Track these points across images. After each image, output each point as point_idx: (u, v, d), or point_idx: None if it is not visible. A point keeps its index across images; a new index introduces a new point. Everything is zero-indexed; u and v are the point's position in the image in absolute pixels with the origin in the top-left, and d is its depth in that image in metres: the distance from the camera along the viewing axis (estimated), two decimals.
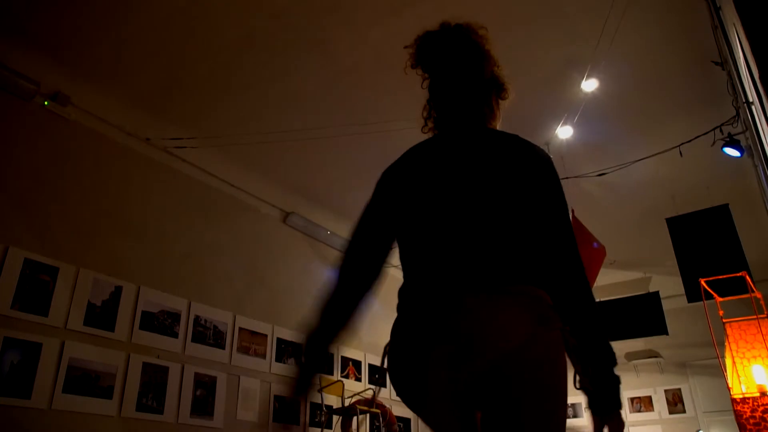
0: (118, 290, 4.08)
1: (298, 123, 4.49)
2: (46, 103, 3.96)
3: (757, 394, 3.31)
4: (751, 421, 3.24)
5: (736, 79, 3.16)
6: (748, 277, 3.93)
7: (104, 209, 4.18)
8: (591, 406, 1.28)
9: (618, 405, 1.26)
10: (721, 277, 4.17)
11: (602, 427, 1.26)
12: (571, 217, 5.33)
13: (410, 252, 1.39)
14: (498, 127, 1.52)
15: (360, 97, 4.39)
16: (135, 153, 4.53)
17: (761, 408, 3.23)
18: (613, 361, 1.27)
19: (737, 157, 4.54)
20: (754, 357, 3.54)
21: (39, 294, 3.63)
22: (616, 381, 1.27)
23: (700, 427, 7.34)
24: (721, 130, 4.53)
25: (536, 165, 1.35)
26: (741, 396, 3.40)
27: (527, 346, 1.17)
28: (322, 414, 5.15)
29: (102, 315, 3.93)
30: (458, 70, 1.48)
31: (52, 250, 3.78)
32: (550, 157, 1.40)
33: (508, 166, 1.34)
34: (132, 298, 4.15)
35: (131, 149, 4.50)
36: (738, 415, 3.44)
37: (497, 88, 1.53)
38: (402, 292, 1.34)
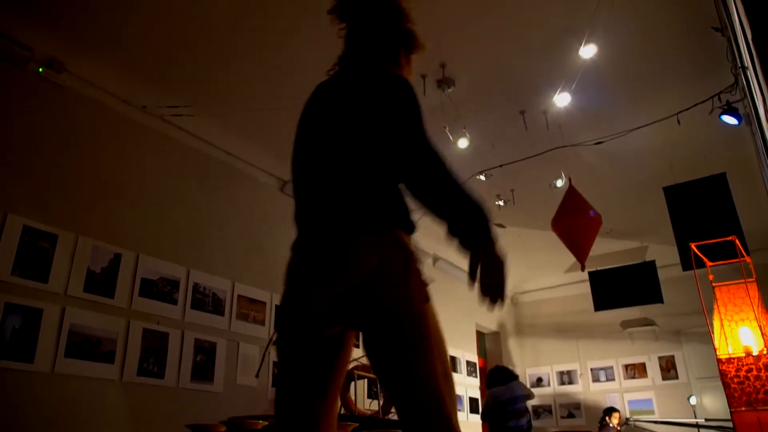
0: (117, 258, 4.12)
1: (296, 91, 4.46)
2: (40, 69, 3.93)
3: (743, 355, 3.40)
4: (735, 380, 3.34)
5: (735, 45, 3.14)
6: (737, 242, 3.97)
7: (101, 177, 4.19)
8: (461, 242, 1.32)
9: (486, 233, 1.29)
10: (711, 241, 4.21)
11: (476, 263, 1.29)
12: (568, 186, 5.37)
13: (294, 189, 1.57)
14: (408, 77, 1.65)
15: None
16: (131, 121, 4.51)
17: (745, 368, 3.33)
18: (478, 209, 1.34)
19: (735, 125, 4.53)
20: (742, 320, 3.61)
21: (38, 261, 3.67)
22: (481, 213, 1.32)
23: (692, 392, 7.48)
24: (719, 98, 4.51)
25: (386, 91, 1.47)
26: (727, 357, 3.48)
27: (376, 275, 1.30)
28: None
29: (101, 282, 3.97)
30: (366, 20, 1.62)
31: (50, 217, 3.80)
32: (404, 83, 1.50)
33: (360, 101, 1.48)
34: (131, 265, 4.19)
35: (127, 117, 4.49)
36: (723, 375, 3.54)
37: (406, 42, 1.67)
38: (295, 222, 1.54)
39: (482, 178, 5.67)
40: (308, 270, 1.41)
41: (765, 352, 3.37)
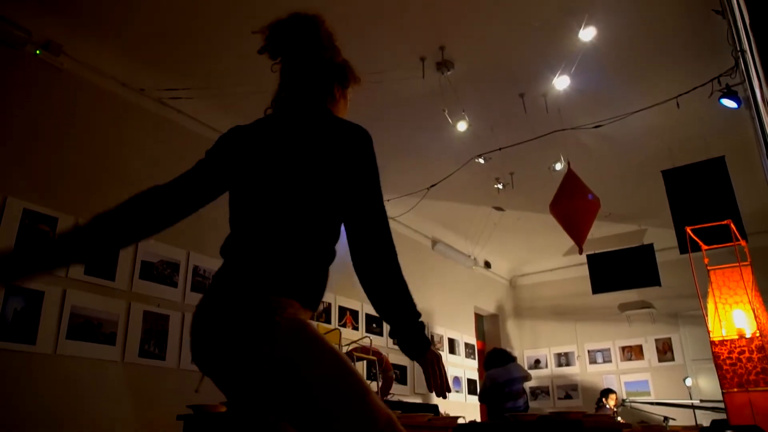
0: None
1: None
2: (37, 52, 3.92)
3: (736, 337, 3.45)
4: (728, 361, 3.40)
5: (735, 29, 3.13)
6: (733, 226, 3.99)
7: (100, 160, 4.20)
8: (406, 353, 1.42)
9: (424, 346, 1.40)
10: (706, 225, 4.24)
11: (425, 370, 1.41)
12: (567, 169, 5.37)
13: (230, 220, 1.51)
14: (343, 113, 1.63)
15: (353, 47, 4.33)
16: (130, 104, 4.51)
17: (737, 350, 3.38)
18: (414, 317, 1.39)
19: (735, 109, 4.53)
20: (736, 303, 3.65)
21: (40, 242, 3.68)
22: (419, 329, 1.40)
23: (688, 374, 7.56)
24: (719, 81, 4.50)
25: (346, 142, 1.41)
26: (720, 339, 3.53)
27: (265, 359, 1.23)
28: None
29: (102, 264, 4.00)
30: (299, 56, 1.58)
31: (50, 200, 3.81)
32: (366, 136, 1.44)
33: (312, 145, 1.42)
34: (131, 248, 4.21)
35: (126, 100, 4.48)
36: (716, 357, 3.59)
37: (340, 76, 1.62)
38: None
39: (481, 161, 5.67)
40: (206, 323, 1.36)
41: (757, 334, 3.42)
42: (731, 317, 3.63)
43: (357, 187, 1.40)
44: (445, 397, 1.43)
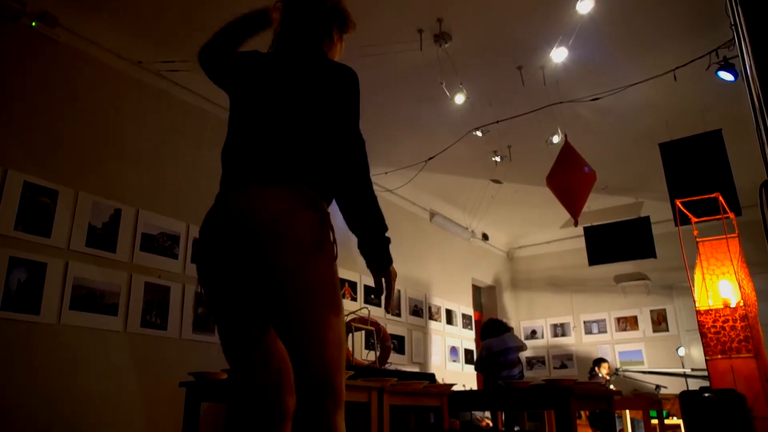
0: (118, 213, 4.19)
1: None
2: (33, 24, 3.90)
3: (721, 306, 3.54)
4: (712, 330, 3.50)
5: (732, 1, 3.12)
6: (721, 198, 4.05)
7: (99, 133, 4.22)
8: (368, 266, 1.55)
9: (387, 261, 1.53)
10: (694, 198, 4.30)
11: (380, 280, 1.54)
12: (563, 142, 5.39)
13: (230, 131, 1.67)
14: (338, 56, 1.80)
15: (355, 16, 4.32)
16: (127, 76, 4.50)
17: (722, 319, 3.48)
18: (381, 231, 1.52)
19: (732, 82, 4.53)
20: (723, 274, 3.73)
21: (40, 216, 3.73)
22: (384, 242, 1.52)
23: (681, 344, 7.69)
24: (717, 54, 4.50)
25: (336, 80, 1.58)
26: (706, 308, 3.63)
27: (279, 221, 1.39)
28: None
29: (103, 237, 4.05)
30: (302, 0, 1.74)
31: (50, 173, 3.85)
32: (353, 76, 1.61)
33: (309, 81, 1.58)
34: (131, 220, 4.26)
35: (123, 72, 4.48)
36: (701, 326, 3.69)
37: (340, 21, 1.78)
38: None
39: (479, 134, 5.69)
40: (219, 222, 1.49)
41: (741, 304, 3.50)
42: (717, 288, 3.72)
43: (340, 113, 1.54)
44: (390, 312, 1.68)
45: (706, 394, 2.23)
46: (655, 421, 5.28)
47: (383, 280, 1.54)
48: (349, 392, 3.17)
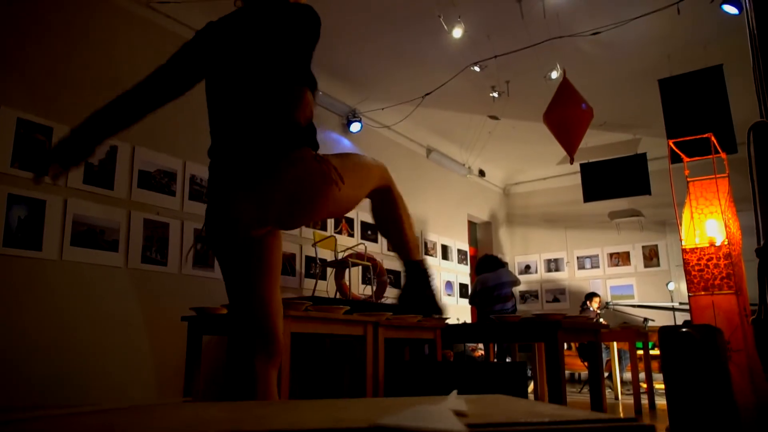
0: (114, 150, 4.18)
1: None
2: None
3: (707, 245, 3.63)
4: (696, 267, 3.61)
5: None
6: (713, 138, 4.05)
7: (91, 68, 4.15)
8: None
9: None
10: (687, 138, 4.31)
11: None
12: (562, 77, 5.32)
13: (210, 114, 1.83)
14: None
15: None
16: (119, 9, 4.38)
17: (706, 257, 3.58)
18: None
19: (735, 15, 4.44)
20: (711, 213, 3.80)
21: (36, 153, 3.73)
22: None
23: (671, 279, 7.88)
24: None
25: (287, 23, 1.58)
26: (692, 247, 3.73)
27: (283, 167, 1.57)
28: (317, 266, 5.52)
29: (100, 174, 4.07)
30: None
31: (43, 109, 3.81)
32: (304, 13, 1.59)
33: (262, 36, 1.63)
34: (128, 157, 4.26)
35: (115, 4, 4.35)
36: (686, 263, 3.80)
37: None
38: (209, 153, 1.83)
39: (477, 69, 5.60)
40: (237, 182, 1.61)
41: (726, 242, 3.59)
42: (704, 227, 3.80)
43: (285, 55, 1.52)
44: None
45: (684, 329, 2.33)
46: (640, 352, 5.50)
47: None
48: (346, 326, 3.29)
